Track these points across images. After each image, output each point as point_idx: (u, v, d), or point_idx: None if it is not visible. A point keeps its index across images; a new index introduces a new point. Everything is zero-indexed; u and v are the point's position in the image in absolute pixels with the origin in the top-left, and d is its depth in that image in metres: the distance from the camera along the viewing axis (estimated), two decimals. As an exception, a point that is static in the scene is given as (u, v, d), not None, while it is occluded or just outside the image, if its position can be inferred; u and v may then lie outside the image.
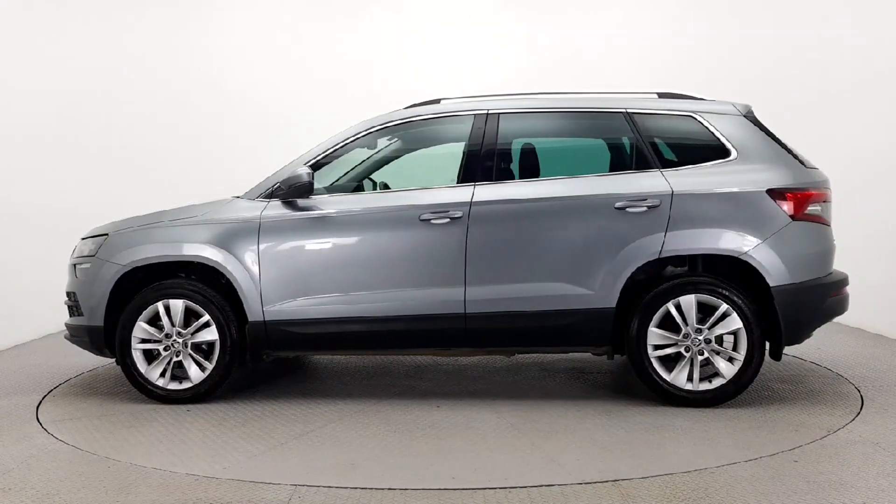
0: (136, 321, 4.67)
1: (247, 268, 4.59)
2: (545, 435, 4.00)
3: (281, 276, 4.58)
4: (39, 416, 4.50)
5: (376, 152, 5.21)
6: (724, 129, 4.52)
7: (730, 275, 4.45)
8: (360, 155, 5.15)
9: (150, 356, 4.69)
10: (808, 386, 4.88)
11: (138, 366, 4.67)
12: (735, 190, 4.39)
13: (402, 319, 4.52)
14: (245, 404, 4.69)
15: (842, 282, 4.55)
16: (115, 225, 4.95)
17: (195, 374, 4.64)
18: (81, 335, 4.87)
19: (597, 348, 4.58)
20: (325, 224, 4.61)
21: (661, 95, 4.72)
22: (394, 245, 4.55)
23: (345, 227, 4.61)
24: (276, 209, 4.64)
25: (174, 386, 4.66)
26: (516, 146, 4.81)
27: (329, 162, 4.79)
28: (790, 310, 4.31)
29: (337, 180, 5.19)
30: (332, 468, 3.58)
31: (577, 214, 4.45)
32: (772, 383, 4.94)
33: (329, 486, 3.34)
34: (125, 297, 4.76)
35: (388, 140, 5.16)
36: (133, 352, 4.67)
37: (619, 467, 3.51)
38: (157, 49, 8.07)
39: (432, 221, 4.49)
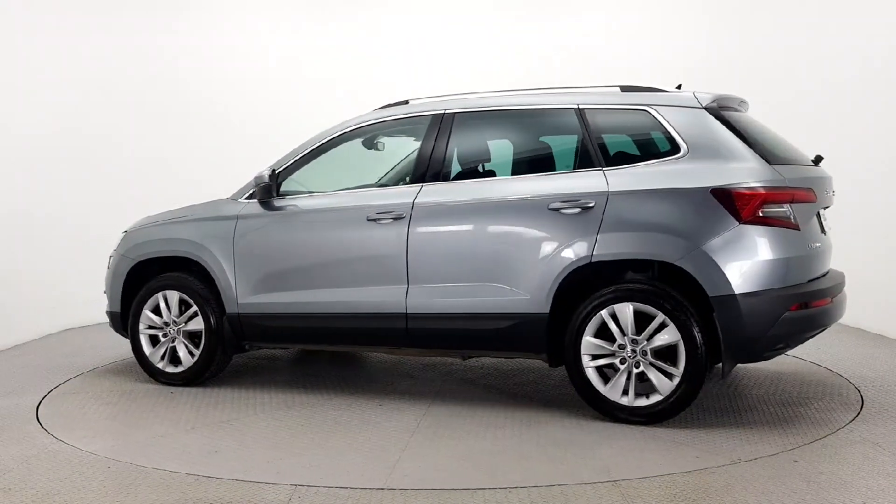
0: (142, 309, 5.16)
1: (224, 263, 4.92)
2: (433, 439, 3.98)
3: (251, 271, 4.87)
4: (39, 416, 4.50)
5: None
6: (678, 124, 4.12)
7: (688, 283, 4.01)
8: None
9: (156, 341, 5.19)
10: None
11: (144, 349, 5.18)
12: (676, 189, 4.00)
13: (353, 317, 4.63)
14: (217, 390, 5.07)
15: (813, 293, 4.03)
16: (135, 223, 5.50)
17: (185, 360, 5.08)
18: (109, 319, 5.46)
19: (535, 355, 4.35)
20: (287, 223, 4.84)
21: (624, 89, 4.39)
22: (345, 244, 4.66)
23: (303, 226, 4.79)
24: (251, 209, 4.94)
25: (170, 369, 5.13)
26: (470, 146, 4.77)
27: (304, 164, 4.94)
28: (735, 323, 3.86)
29: (382, 177, 5.40)
30: (195, 454, 3.80)
31: (513, 215, 4.29)
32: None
33: (329, 487, 3.34)
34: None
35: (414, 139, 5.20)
36: (140, 336, 5.19)
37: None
38: (169, 53, 8.04)
39: (379, 221, 4.54)
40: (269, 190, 4.85)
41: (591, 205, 4.11)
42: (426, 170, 4.57)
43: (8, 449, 3.92)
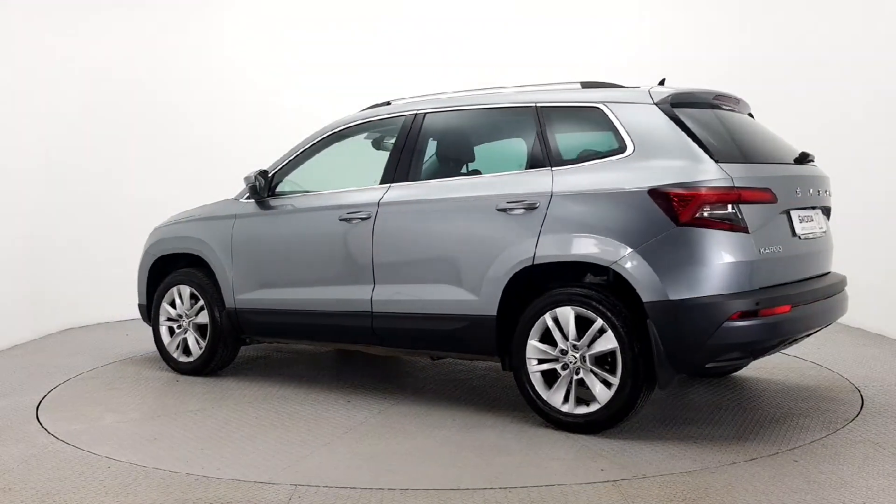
0: (161, 302, 5.54)
1: (224, 260, 5.19)
2: (359, 437, 4.01)
3: (245, 268, 5.10)
4: (39, 416, 4.50)
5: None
6: (628, 121, 3.97)
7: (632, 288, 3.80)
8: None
9: (173, 332, 5.55)
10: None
11: (162, 339, 5.56)
12: (614, 190, 3.85)
13: (329, 315, 4.75)
14: (216, 381, 5.33)
15: (762, 301, 3.68)
16: (163, 221, 5.84)
17: (194, 351, 5.41)
18: (139, 311, 5.86)
19: (489, 357, 4.29)
20: (273, 223, 5.04)
21: (584, 85, 4.31)
22: (322, 243, 4.79)
23: (287, 226, 4.97)
24: (247, 209, 5.18)
25: (183, 359, 5.48)
26: (435, 146, 4.78)
27: (296, 165, 5.10)
28: (670, 331, 3.66)
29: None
30: (138, 441, 4.00)
31: (465, 216, 4.26)
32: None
33: (329, 486, 3.34)
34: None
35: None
36: (160, 327, 5.56)
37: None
38: (172, 54, 8.03)
39: (350, 221, 4.63)
40: (255, 191, 5.05)
41: (536, 205, 4.05)
42: (395, 170, 4.62)
43: (8, 449, 3.92)
